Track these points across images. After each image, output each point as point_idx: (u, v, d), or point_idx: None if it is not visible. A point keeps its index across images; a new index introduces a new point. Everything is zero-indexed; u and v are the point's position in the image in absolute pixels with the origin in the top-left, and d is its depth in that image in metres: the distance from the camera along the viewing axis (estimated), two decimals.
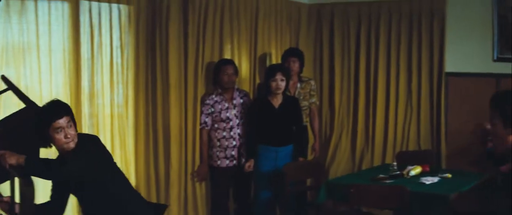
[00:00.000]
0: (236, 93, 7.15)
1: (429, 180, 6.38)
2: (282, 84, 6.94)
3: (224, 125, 7.02)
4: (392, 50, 8.50)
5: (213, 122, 7.04)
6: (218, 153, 7.06)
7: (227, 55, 7.43)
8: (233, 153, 7.09)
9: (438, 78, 8.24)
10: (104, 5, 6.02)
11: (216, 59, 7.20)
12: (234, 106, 7.10)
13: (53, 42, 5.59)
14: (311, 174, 7.46)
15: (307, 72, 8.36)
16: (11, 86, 4.70)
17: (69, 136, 4.20)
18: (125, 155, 6.34)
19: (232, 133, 7.08)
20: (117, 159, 6.05)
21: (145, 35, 6.51)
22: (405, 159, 7.22)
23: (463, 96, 8.21)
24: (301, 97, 7.68)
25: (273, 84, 6.90)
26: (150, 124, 6.58)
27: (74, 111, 5.61)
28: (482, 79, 8.00)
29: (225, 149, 7.05)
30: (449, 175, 6.61)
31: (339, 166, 8.80)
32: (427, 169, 6.77)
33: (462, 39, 8.14)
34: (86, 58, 5.90)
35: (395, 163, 6.85)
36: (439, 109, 8.26)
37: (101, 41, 6.03)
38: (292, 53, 7.71)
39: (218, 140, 7.04)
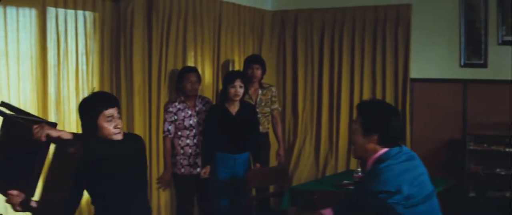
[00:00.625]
0: (198, 101, 7.42)
1: None
2: (241, 91, 7.11)
3: (188, 132, 7.28)
4: (356, 56, 8.86)
5: (177, 129, 7.28)
6: (181, 160, 7.31)
7: (191, 63, 7.75)
8: (196, 160, 7.33)
9: (403, 85, 8.60)
10: (70, 12, 6.30)
11: (179, 67, 7.51)
12: (197, 113, 7.35)
13: (21, 49, 5.83)
14: (274, 180, 7.68)
15: (270, 78, 8.73)
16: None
17: (119, 126, 4.24)
18: None
19: (195, 140, 7.32)
20: None
21: (110, 42, 6.81)
22: None
23: (429, 102, 8.59)
24: (263, 104, 7.98)
25: (232, 90, 7.06)
26: None
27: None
28: (449, 85, 8.40)
29: (189, 157, 7.31)
30: None
31: (303, 172, 9.10)
32: None
33: (428, 45, 8.53)
34: (52, 65, 6.16)
35: (359, 169, 6.91)
36: (404, 115, 8.57)
37: (67, 48, 6.30)
38: (255, 60, 7.99)
39: (182, 148, 7.30)
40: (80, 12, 6.41)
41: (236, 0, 8.48)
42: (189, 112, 7.28)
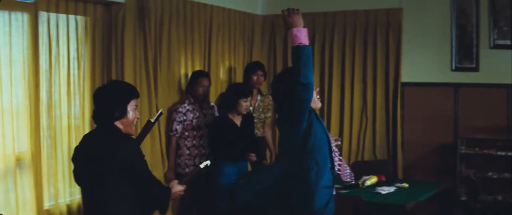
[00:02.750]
0: (206, 104, 7.62)
1: (385, 190, 6.70)
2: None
3: (195, 133, 7.44)
4: (347, 60, 8.93)
5: (184, 130, 7.42)
6: (186, 160, 7.45)
7: (182, 66, 7.85)
8: (201, 161, 7.34)
9: (394, 89, 8.68)
10: (62, 16, 6.37)
11: (171, 70, 7.59)
12: (204, 116, 7.53)
13: (13, 53, 5.90)
14: None
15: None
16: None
17: (138, 118, 4.50)
18: None
19: (201, 142, 7.50)
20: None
21: (101, 46, 6.88)
22: (361, 169, 7.52)
23: (420, 106, 8.67)
24: (260, 110, 8.16)
25: (244, 105, 7.29)
26: None
27: (33, 122, 6.04)
28: (440, 89, 8.48)
29: (194, 157, 7.46)
30: (406, 185, 6.96)
31: None
32: (383, 178, 7.10)
33: (419, 49, 8.61)
34: (44, 70, 6.22)
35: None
36: (395, 118, 8.67)
37: (59, 52, 6.37)
38: (259, 66, 8.24)
39: (188, 148, 7.45)
40: (71, 17, 6.48)
41: (227, 5, 8.54)
42: (198, 114, 7.45)
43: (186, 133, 7.42)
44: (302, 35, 4.98)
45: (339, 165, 5.64)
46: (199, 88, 7.43)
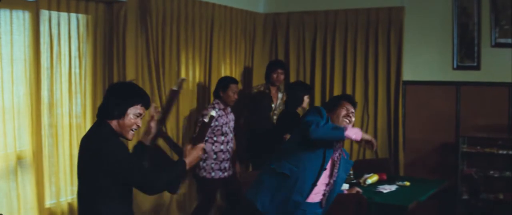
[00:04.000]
0: (228, 109, 7.66)
1: (386, 188, 6.65)
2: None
3: (223, 138, 7.49)
4: (349, 59, 8.92)
5: (213, 135, 7.45)
6: (212, 165, 7.47)
7: (183, 65, 7.85)
8: (226, 165, 7.57)
9: (395, 87, 8.66)
10: (63, 15, 6.38)
11: (172, 68, 7.59)
12: (229, 121, 7.60)
13: (15, 51, 5.91)
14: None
15: (261, 81, 8.74)
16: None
17: (139, 125, 4.31)
18: None
19: (228, 147, 7.58)
20: (75, 169, 6.28)
21: (103, 44, 6.88)
22: (362, 167, 7.50)
23: (421, 104, 8.65)
24: (281, 108, 8.31)
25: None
26: None
27: (34, 120, 6.02)
28: (442, 87, 8.45)
29: (221, 162, 7.50)
30: (407, 183, 6.91)
31: None
32: (384, 177, 7.06)
33: (421, 47, 8.59)
34: (45, 68, 6.23)
35: (351, 172, 6.98)
36: (397, 117, 8.66)
37: (60, 50, 6.38)
38: (280, 64, 8.46)
39: (215, 153, 7.47)
40: (73, 15, 6.50)
41: (228, 3, 8.54)
42: (226, 119, 7.50)
43: (215, 138, 7.45)
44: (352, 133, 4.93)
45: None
46: (230, 94, 7.48)
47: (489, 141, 7.97)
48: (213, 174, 7.46)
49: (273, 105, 8.23)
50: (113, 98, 4.25)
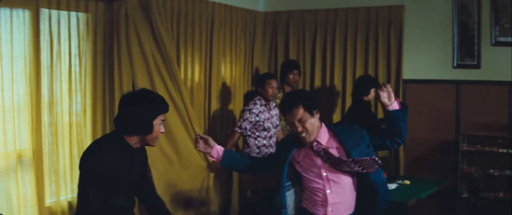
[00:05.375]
0: (271, 104, 7.78)
1: None
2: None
3: (265, 133, 7.66)
4: (349, 57, 8.93)
5: (256, 130, 7.62)
6: None
7: (182, 63, 7.82)
8: None
9: (395, 86, 8.65)
10: (63, 13, 6.35)
11: (172, 66, 7.49)
12: (272, 116, 7.73)
13: (15, 50, 5.88)
14: (267, 180, 7.66)
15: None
16: None
17: (163, 132, 4.46)
18: None
19: (271, 141, 7.72)
20: (76, 167, 6.29)
21: (103, 43, 6.85)
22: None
23: (421, 103, 8.64)
24: None
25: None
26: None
27: (34, 119, 6.02)
28: (442, 86, 8.46)
29: (263, 156, 7.60)
30: (408, 182, 6.93)
31: None
32: (385, 175, 7.01)
33: (421, 46, 8.60)
34: (45, 66, 6.21)
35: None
36: None
37: (60, 49, 6.36)
38: (296, 66, 8.62)
39: (258, 147, 7.66)
40: (73, 14, 6.47)
41: (228, 1, 8.53)
42: (267, 115, 7.64)
43: (257, 133, 7.61)
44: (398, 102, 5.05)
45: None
46: (269, 89, 7.61)
47: (489, 140, 7.97)
48: None
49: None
50: (135, 113, 4.32)
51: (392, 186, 6.71)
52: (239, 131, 7.57)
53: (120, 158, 4.37)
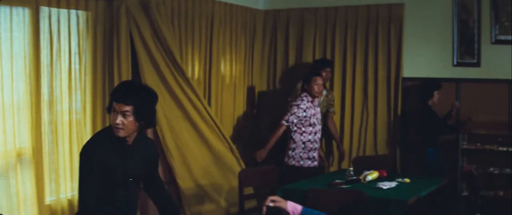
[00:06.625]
0: (316, 101, 7.77)
1: (386, 185, 6.63)
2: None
3: (311, 128, 7.65)
4: (348, 55, 8.93)
5: (302, 125, 7.63)
6: (301, 154, 7.68)
7: (184, 60, 7.79)
8: (314, 154, 7.73)
9: (395, 84, 8.65)
10: (63, 11, 6.35)
11: (177, 63, 7.50)
12: (317, 112, 7.77)
13: (15, 48, 5.88)
14: (266, 180, 7.66)
15: (262, 78, 8.71)
16: None
17: (119, 123, 4.25)
18: None
19: (316, 137, 7.72)
20: (76, 166, 6.29)
21: (103, 41, 6.84)
22: (362, 164, 7.55)
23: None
24: (324, 104, 8.51)
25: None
26: None
27: (34, 117, 5.99)
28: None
29: (309, 151, 7.67)
30: (407, 180, 6.89)
31: None
32: (384, 174, 7.04)
33: (421, 44, 8.59)
34: (45, 65, 6.20)
35: (351, 168, 7.02)
36: (396, 113, 8.66)
37: (60, 47, 6.36)
38: (329, 63, 8.66)
39: (303, 143, 7.66)
40: (73, 12, 6.47)
41: (228, 0, 8.52)
42: (313, 111, 7.65)
43: (303, 128, 7.62)
44: None
45: None
46: (315, 86, 7.60)
47: (489, 138, 7.97)
48: (302, 162, 7.65)
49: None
50: (152, 106, 4.41)
51: (392, 184, 6.68)
52: (286, 124, 7.59)
53: (112, 150, 4.35)
